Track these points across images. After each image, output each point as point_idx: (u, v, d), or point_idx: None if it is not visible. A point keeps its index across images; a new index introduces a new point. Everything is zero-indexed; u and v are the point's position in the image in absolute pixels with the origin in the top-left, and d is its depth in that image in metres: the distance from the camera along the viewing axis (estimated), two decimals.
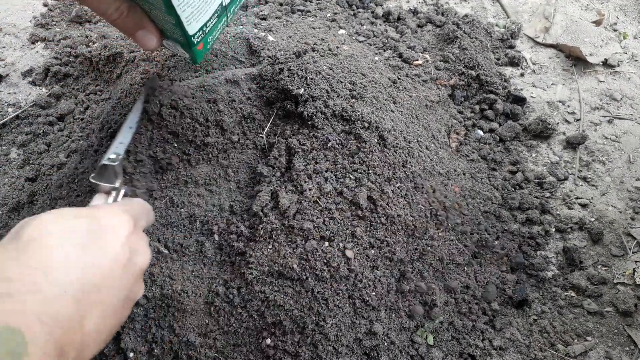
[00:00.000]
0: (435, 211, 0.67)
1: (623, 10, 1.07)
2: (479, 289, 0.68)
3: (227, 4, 0.54)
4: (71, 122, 0.83)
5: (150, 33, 0.49)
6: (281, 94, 0.66)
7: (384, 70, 0.77)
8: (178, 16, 0.46)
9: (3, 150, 0.82)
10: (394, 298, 0.61)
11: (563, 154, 0.85)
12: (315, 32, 0.82)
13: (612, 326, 0.69)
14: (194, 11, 0.48)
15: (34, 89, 0.90)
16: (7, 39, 0.97)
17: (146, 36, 0.49)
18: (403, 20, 0.97)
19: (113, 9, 0.45)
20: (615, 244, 0.75)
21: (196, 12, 0.48)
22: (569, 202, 0.80)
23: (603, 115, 0.90)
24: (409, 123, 0.71)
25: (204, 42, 0.53)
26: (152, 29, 0.49)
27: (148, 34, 0.49)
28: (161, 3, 0.45)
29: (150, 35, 0.49)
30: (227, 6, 0.54)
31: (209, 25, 0.52)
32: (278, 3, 0.95)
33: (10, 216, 0.73)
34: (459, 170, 0.75)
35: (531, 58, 0.98)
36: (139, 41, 0.50)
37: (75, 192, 0.63)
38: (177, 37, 0.51)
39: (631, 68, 0.97)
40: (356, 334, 0.58)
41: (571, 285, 0.72)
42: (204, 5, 0.49)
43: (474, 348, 0.64)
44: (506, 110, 0.88)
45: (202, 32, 0.51)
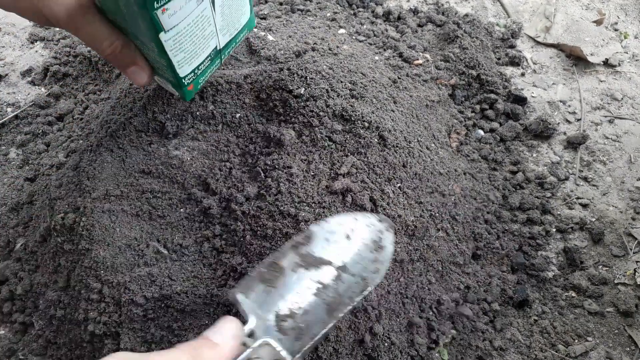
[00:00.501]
0: (436, 211, 0.67)
1: (624, 9, 1.07)
2: (479, 290, 0.68)
3: (222, 48, 0.55)
4: (70, 122, 0.83)
5: (141, 70, 0.49)
6: (281, 94, 0.66)
7: (384, 70, 0.77)
8: (170, 60, 0.47)
9: (2, 150, 0.82)
10: (394, 299, 0.61)
11: (564, 153, 0.85)
12: (315, 31, 0.82)
13: (612, 326, 0.68)
14: (187, 56, 0.48)
15: (33, 89, 0.90)
16: (6, 39, 0.97)
17: (138, 73, 0.49)
18: (403, 19, 0.97)
19: (106, 45, 0.45)
20: (616, 244, 0.75)
21: (188, 57, 0.49)
22: (570, 202, 0.79)
23: (604, 115, 0.90)
24: (409, 123, 0.71)
25: (194, 84, 0.54)
26: (144, 66, 0.49)
27: (139, 70, 0.49)
28: (154, 46, 0.45)
29: (142, 72, 0.49)
30: (222, 50, 0.55)
31: (201, 67, 0.53)
32: (278, 2, 0.95)
33: (9, 216, 0.72)
34: (459, 170, 0.75)
35: (532, 58, 0.98)
36: (130, 77, 0.50)
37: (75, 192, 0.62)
38: (168, 77, 0.51)
39: (632, 68, 0.97)
40: (356, 334, 0.58)
41: (572, 286, 0.72)
42: (197, 50, 0.49)
43: (475, 349, 0.64)
44: (507, 110, 0.88)
45: (193, 75, 0.52)
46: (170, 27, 0.44)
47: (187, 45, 0.48)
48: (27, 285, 0.65)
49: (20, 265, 0.67)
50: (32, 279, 0.65)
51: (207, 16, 0.48)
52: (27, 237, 0.68)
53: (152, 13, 0.41)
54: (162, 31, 0.43)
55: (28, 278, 0.65)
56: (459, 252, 0.68)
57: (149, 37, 0.44)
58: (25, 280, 0.65)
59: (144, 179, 0.60)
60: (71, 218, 0.59)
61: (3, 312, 0.65)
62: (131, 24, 0.44)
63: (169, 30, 0.44)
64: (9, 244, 0.70)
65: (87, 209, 0.58)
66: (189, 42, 0.47)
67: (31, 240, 0.67)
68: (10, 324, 0.65)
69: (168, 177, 0.61)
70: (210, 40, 0.51)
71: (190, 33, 0.47)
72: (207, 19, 0.48)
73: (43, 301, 0.63)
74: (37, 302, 0.64)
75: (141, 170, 0.60)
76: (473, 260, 0.71)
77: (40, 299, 0.63)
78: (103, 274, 0.57)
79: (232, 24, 0.54)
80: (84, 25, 0.43)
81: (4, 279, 0.67)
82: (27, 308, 0.65)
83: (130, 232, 0.58)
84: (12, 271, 0.67)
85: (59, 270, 0.61)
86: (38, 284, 0.64)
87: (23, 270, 0.66)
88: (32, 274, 0.66)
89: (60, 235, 0.60)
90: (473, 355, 0.64)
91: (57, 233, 0.61)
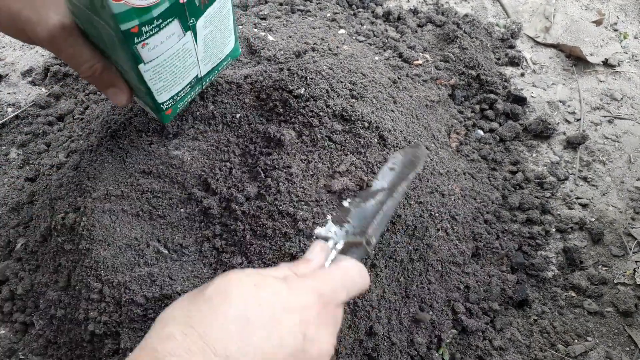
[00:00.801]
0: (436, 211, 0.67)
1: (623, 10, 1.07)
2: (479, 289, 0.68)
3: (203, 76, 0.55)
4: (71, 122, 0.83)
5: (120, 91, 0.50)
6: (281, 94, 0.66)
7: (384, 70, 0.77)
8: (149, 88, 0.48)
9: (3, 150, 0.82)
10: (394, 298, 0.61)
11: (563, 154, 0.85)
12: (315, 31, 0.82)
13: (612, 326, 0.69)
14: (166, 84, 0.49)
15: (33, 89, 0.90)
16: (6, 39, 0.97)
17: (117, 94, 0.50)
18: (403, 20, 0.97)
19: (86, 67, 0.46)
20: (616, 244, 0.75)
21: (168, 85, 0.50)
22: (570, 202, 0.80)
23: (603, 115, 0.90)
24: (409, 123, 0.71)
25: (173, 108, 0.55)
26: (123, 88, 0.50)
27: (119, 92, 0.50)
28: (134, 75, 0.46)
29: (121, 94, 0.50)
30: (203, 77, 0.56)
31: (181, 94, 0.53)
32: (278, 3, 0.95)
33: (9, 216, 0.73)
34: (459, 170, 0.75)
35: (531, 58, 0.98)
36: (110, 97, 0.51)
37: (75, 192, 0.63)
38: (147, 101, 0.52)
39: (631, 68, 0.97)
40: (356, 334, 0.58)
41: (571, 286, 0.72)
42: (176, 79, 0.50)
43: (475, 348, 0.64)
44: (506, 110, 0.88)
45: (172, 101, 0.53)
46: (150, 59, 0.45)
47: (167, 75, 0.48)
48: (27, 285, 0.65)
49: (20, 265, 0.67)
50: (32, 279, 0.65)
51: (189, 49, 0.49)
52: (28, 237, 0.68)
53: (132, 47, 0.42)
54: (142, 63, 0.44)
55: (28, 278, 0.65)
56: (458, 252, 0.68)
57: (128, 66, 0.45)
58: (25, 280, 0.65)
59: (144, 179, 0.60)
60: (71, 218, 0.59)
61: (3, 312, 0.66)
62: (112, 52, 0.45)
63: (148, 62, 0.45)
64: (9, 243, 0.70)
65: (88, 208, 0.58)
66: (168, 72, 0.48)
67: (32, 240, 0.67)
68: (11, 324, 0.65)
69: (168, 177, 0.61)
70: (191, 70, 0.52)
71: (170, 64, 0.48)
72: (188, 51, 0.49)
73: (43, 301, 0.63)
74: (38, 301, 0.64)
75: (141, 170, 0.61)
76: (473, 260, 0.71)
77: (40, 299, 0.63)
78: (103, 273, 0.57)
79: (215, 54, 0.55)
80: (65, 47, 0.44)
81: (5, 279, 0.67)
82: (27, 308, 0.65)
83: (130, 232, 0.58)
84: (13, 271, 0.67)
85: (60, 270, 0.61)
86: (38, 284, 0.64)
87: (23, 270, 0.66)
88: (32, 273, 0.66)
89: (60, 235, 0.60)
90: (473, 355, 0.64)
91: (57, 233, 0.61)
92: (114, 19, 0.39)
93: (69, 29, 0.43)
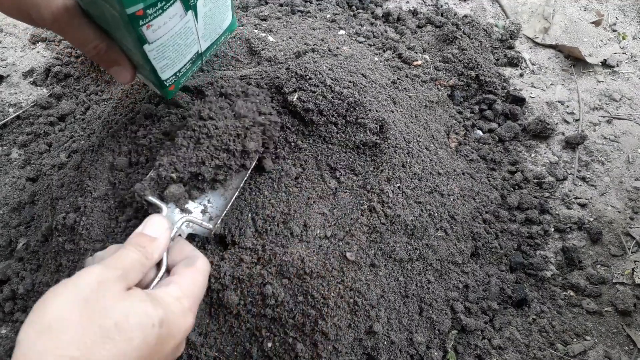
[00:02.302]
0: (435, 211, 0.67)
1: (622, 10, 1.07)
2: (478, 289, 0.68)
3: (203, 51, 0.57)
4: (72, 123, 0.83)
5: (124, 69, 0.50)
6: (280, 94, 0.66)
7: (384, 71, 0.77)
8: (153, 66, 0.49)
9: (4, 151, 0.82)
10: (393, 298, 0.61)
11: (562, 154, 0.86)
12: (315, 32, 0.82)
13: (611, 326, 0.69)
14: (169, 62, 0.50)
15: (35, 89, 0.90)
16: (8, 39, 0.97)
17: (121, 72, 0.51)
18: (403, 20, 0.98)
19: (91, 47, 0.47)
20: (614, 244, 0.76)
21: (171, 63, 0.51)
22: (568, 202, 0.80)
23: (602, 115, 0.91)
24: (408, 123, 0.71)
25: (176, 84, 0.56)
26: (127, 66, 0.50)
27: (123, 70, 0.50)
28: (138, 54, 0.46)
29: (125, 71, 0.51)
30: (203, 52, 0.57)
31: (183, 70, 0.55)
32: (278, 4, 0.96)
33: (11, 216, 0.73)
34: (458, 170, 0.76)
35: (530, 58, 0.99)
36: (114, 75, 0.51)
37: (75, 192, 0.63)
38: (151, 78, 0.53)
39: (630, 68, 0.97)
40: (356, 333, 0.58)
41: (570, 285, 0.72)
42: (179, 56, 0.51)
43: (474, 348, 0.64)
44: (505, 110, 0.88)
45: (175, 77, 0.54)
46: (154, 39, 0.46)
47: (170, 54, 0.49)
48: (29, 285, 0.65)
49: (22, 264, 0.67)
50: (33, 279, 0.65)
51: (190, 27, 0.50)
52: (29, 237, 0.69)
53: (138, 29, 0.43)
54: (147, 43, 0.45)
55: (30, 277, 0.66)
56: (457, 252, 0.69)
57: (133, 46, 0.46)
58: (27, 279, 0.65)
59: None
60: (72, 218, 0.59)
61: (5, 312, 0.66)
62: (116, 33, 0.46)
63: (152, 42, 0.46)
64: (10, 243, 0.70)
65: (88, 208, 0.59)
66: (171, 51, 0.49)
67: (33, 240, 0.67)
68: (12, 323, 0.65)
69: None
70: (192, 46, 0.53)
71: (173, 43, 0.49)
72: (189, 29, 0.50)
73: None
74: None
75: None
76: (472, 259, 0.72)
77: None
78: None
79: (214, 29, 0.56)
80: (69, 28, 0.45)
81: (6, 279, 0.67)
82: (28, 307, 0.65)
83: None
84: (14, 271, 0.67)
85: (61, 269, 0.62)
86: (40, 284, 0.64)
87: (25, 270, 0.67)
88: (33, 273, 0.66)
89: (61, 235, 0.61)
90: (472, 354, 0.64)
91: (58, 233, 0.61)
92: (119, 3, 0.39)
93: (73, 10, 0.44)
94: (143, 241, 0.42)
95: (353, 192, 0.63)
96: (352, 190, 0.63)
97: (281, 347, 0.56)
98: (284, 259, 0.57)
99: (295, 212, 0.60)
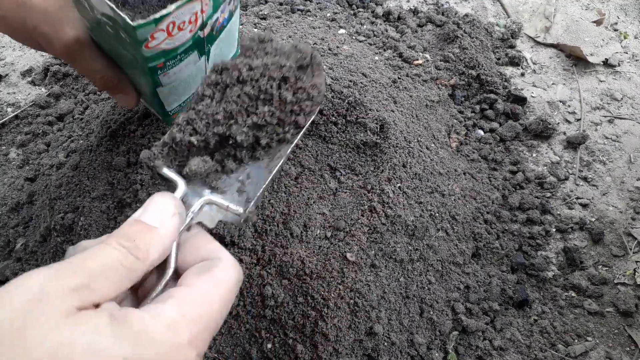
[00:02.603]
0: (436, 211, 0.67)
1: (624, 9, 1.07)
2: (479, 289, 0.68)
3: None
4: (71, 122, 0.83)
5: (130, 97, 0.51)
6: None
7: (384, 70, 0.77)
8: (161, 101, 0.50)
9: (2, 150, 0.82)
10: (394, 299, 0.61)
11: (563, 153, 0.85)
12: (315, 31, 0.82)
13: (612, 326, 0.68)
14: (177, 97, 0.51)
15: (33, 89, 0.90)
16: (6, 39, 0.97)
17: (126, 99, 0.51)
18: (403, 19, 0.97)
19: (99, 77, 0.47)
20: (616, 244, 0.75)
21: (178, 97, 0.52)
22: (570, 202, 0.80)
23: (604, 115, 0.90)
24: (409, 123, 0.71)
25: (179, 112, 0.57)
26: (132, 94, 0.51)
27: (128, 97, 0.51)
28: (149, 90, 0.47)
29: (130, 98, 0.51)
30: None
31: (187, 100, 0.55)
32: (278, 2, 0.95)
33: (9, 216, 0.72)
34: (459, 170, 0.75)
35: (532, 58, 0.98)
36: (118, 100, 0.52)
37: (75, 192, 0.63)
38: (156, 108, 0.54)
39: (632, 68, 0.97)
40: (356, 334, 0.58)
41: (572, 286, 0.72)
42: (187, 91, 0.52)
43: (475, 348, 0.64)
44: (507, 110, 0.88)
45: (179, 107, 0.55)
46: (168, 83, 0.47)
47: (179, 91, 0.50)
48: None
49: (20, 265, 0.67)
50: None
51: (201, 68, 0.50)
52: (28, 237, 0.68)
53: (155, 77, 0.44)
54: (160, 86, 0.46)
55: None
56: (458, 252, 0.68)
57: (146, 85, 0.47)
58: None
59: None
60: (70, 218, 0.59)
61: None
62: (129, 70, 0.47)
63: (166, 85, 0.47)
64: (9, 243, 0.70)
65: (86, 208, 0.58)
66: (181, 88, 0.50)
67: (31, 240, 0.67)
68: None
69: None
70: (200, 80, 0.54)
71: (184, 83, 0.50)
72: (200, 69, 0.51)
73: None
74: None
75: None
76: (473, 260, 0.71)
77: None
78: None
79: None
80: (80, 59, 0.45)
81: (4, 279, 0.67)
82: None
83: None
84: (13, 271, 0.67)
85: None
86: None
87: (23, 270, 0.66)
88: None
89: (60, 235, 0.60)
90: (473, 355, 0.64)
91: (57, 233, 0.61)
92: (143, 59, 0.40)
93: (84, 42, 0.44)
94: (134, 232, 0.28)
95: (353, 192, 0.62)
96: (352, 191, 0.62)
97: (281, 348, 0.56)
98: (283, 260, 0.57)
99: (295, 213, 0.60)
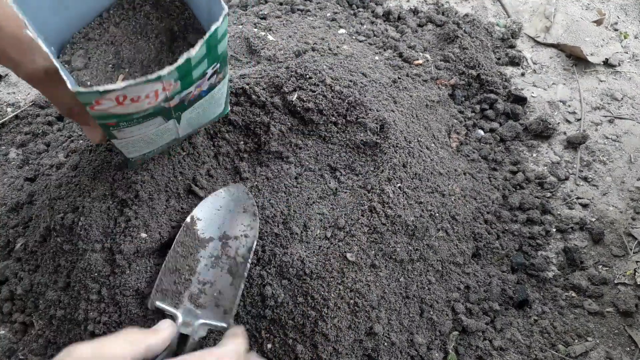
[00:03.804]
0: (436, 211, 0.67)
1: (624, 9, 1.07)
2: (479, 290, 0.68)
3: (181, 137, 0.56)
4: (70, 122, 0.83)
5: (95, 132, 0.52)
6: (280, 93, 0.66)
7: (384, 70, 0.77)
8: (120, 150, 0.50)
9: (2, 150, 0.82)
10: (394, 299, 0.61)
11: (564, 153, 0.85)
12: (315, 31, 0.82)
13: (612, 326, 0.68)
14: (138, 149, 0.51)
15: (33, 89, 0.90)
16: None
17: (91, 132, 0.53)
18: (403, 19, 0.97)
19: (64, 108, 0.50)
20: (616, 244, 0.75)
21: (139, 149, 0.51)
22: (570, 202, 0.80)
23: (604, 115, 0.90)
24: (409, 123, 0.71)
25: (142, 160, 0.57)
26: (98, 129, 0.52)
27: (94, 132, 0.52)
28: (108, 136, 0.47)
29: (96, 133, 0.52)
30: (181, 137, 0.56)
31: (152, 152, 0.55)
32: (278, 2, 0.95)
33: (9, 216, 0.72)
34: (459, 170, 0.75)
35: (532, 58, 0.98)
36: (85, 132, 0.54)
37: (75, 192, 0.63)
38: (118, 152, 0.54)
39: (632, 68, 0.97)
40: (356, 334, 0.58)
41: (572, 286, 0.72)
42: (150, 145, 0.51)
43: (475, 349, 0.64)
44: (507, 110, 0.88)
45: (142, 156, 0.55)
46: (124, 138, 0.46)
47: (140, 144, 0.50)
48: (27, 285, 0.65)
49: (20, 265, 0.67)
50: (32, 279, 0.65)
51: (170, 129, 0.50)
52: (27, 237, 0.68)
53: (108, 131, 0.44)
54: (115, 139, 0.46)
55: (28, 278, 0.65)
56: (459, 252, 0.68)
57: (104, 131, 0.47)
58: (25, 280, 0.65)
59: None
60: (70, 218, 0.59)
61: (3, 312, 0.65)
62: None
63: (121, 139, 0.47)
64: (9, 243, 0.70)
65: (86, 208, 0.58)
66: (143, 143, 0.50)
67: (31, 240, 0.67)
68: (10, 324, 0.65)
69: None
70: (168, 138, 0.53)
71: (147, 138, 0.49)
72: (168, 130, 0.50)
73: (43, 301, 0.63)
74: (37, 302, 0.64)
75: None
76: (473, 260, 0.71)
77: (40, 299, 0.63)
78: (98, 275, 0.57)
79: (199, 123, 0.55)
80: (46, 89, 0.48)
81: (4, 279, 0.67)
82: (27, 308, 0.65)
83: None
84: (12, 271, 0.67)
85: (59, 270, 0.61)
86: (38, 284, 0.64)
87: (23, 270, 0.66)
88: (32, 274, 0.66)
89: (60, 235, 0.60)
90: (473, 355, 0.64)
91: (56, 233, 0.61)
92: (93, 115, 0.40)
93: (52, 74, 0.45)
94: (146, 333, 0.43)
95: (353, 192, 0.62)
96: (352, 190, 0.62)
97: (281, 348, 0.56)
98: (283, 260, 0.57)
99: (295, 213, 0.60)
